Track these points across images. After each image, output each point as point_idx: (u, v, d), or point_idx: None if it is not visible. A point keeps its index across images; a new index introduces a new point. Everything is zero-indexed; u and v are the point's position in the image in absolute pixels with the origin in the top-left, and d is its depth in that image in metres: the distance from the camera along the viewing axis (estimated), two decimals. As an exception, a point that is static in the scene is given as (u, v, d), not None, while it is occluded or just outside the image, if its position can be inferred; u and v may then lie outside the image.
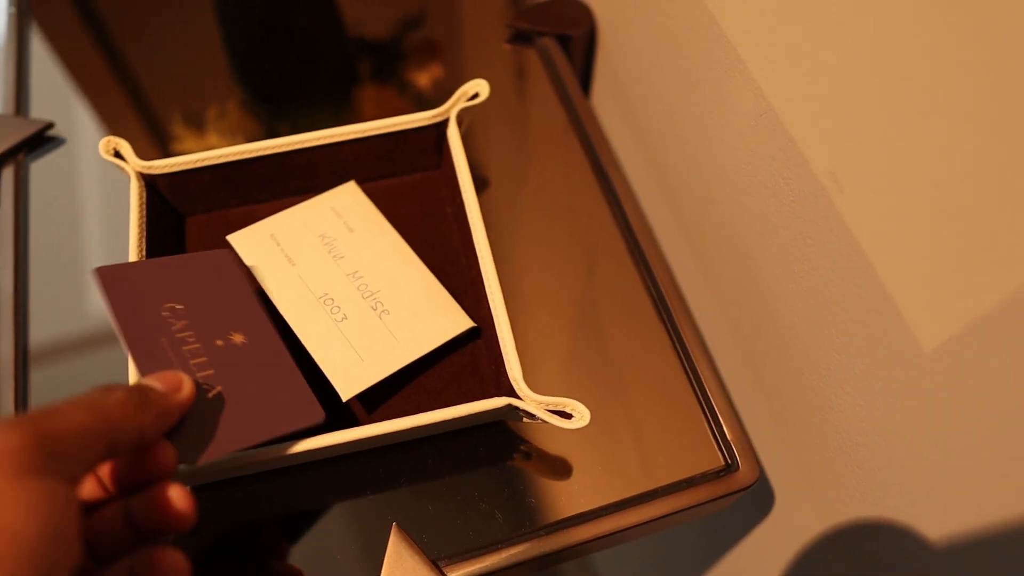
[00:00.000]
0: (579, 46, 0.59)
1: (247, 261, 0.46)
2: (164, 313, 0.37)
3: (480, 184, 0.55)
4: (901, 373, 0.36)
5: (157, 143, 0.58)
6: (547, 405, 0.40)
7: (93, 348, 0.49)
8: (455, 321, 0.45)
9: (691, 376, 0.46)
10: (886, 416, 0.38)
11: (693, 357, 0.46)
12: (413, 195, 0.52)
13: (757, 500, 0.54)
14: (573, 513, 0.42)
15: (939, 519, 0.37)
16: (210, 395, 0.36)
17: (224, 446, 0.34)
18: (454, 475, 0.43)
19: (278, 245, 0.47)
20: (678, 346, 0.47)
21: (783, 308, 0.45)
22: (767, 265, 0.45)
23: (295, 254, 0.46)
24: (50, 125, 0.55)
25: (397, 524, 0.41)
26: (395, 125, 0.48)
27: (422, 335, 0.44)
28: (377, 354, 0.43)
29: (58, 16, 0.64)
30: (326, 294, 0.45)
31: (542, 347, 0.47)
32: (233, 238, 0.47)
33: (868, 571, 0.43)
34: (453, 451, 0.44)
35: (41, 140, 0.55)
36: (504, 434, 0.44)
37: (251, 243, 0.47)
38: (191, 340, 0.37)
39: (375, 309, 0.44)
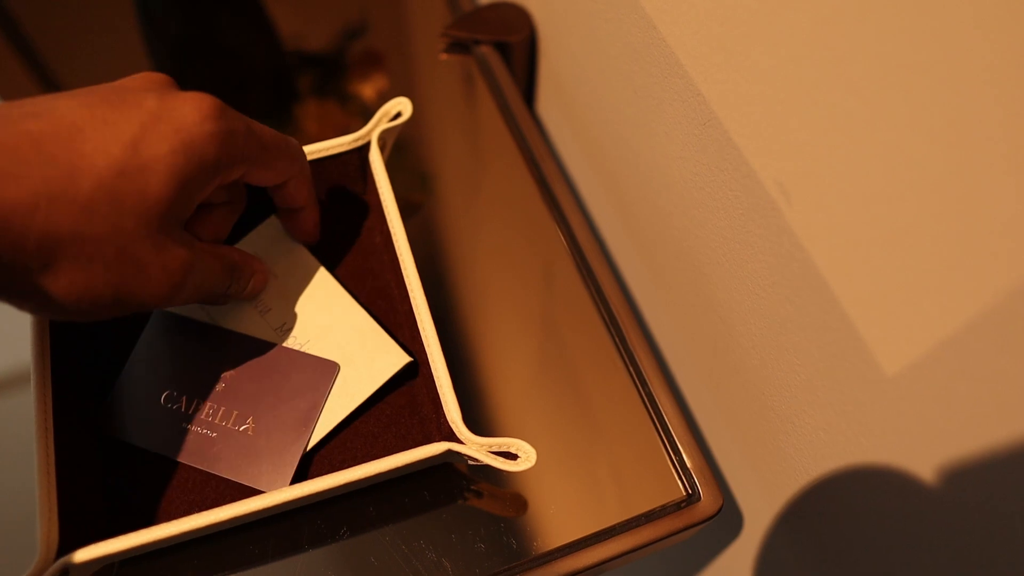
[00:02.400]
0: (520, 53, 0.57)
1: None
2: (169, 407, 0.39)
3: (413, 207, 0.52)
4: (863, 397, 0.33)
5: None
6: (490, 447, 0.37)
7: None
8: (388, 361, 0.42)
9: (647, 403, 0.43)
10: (850, 441, 0.36)
11: (649, 382, 0.44)
12: (340, 226, 0.49)
13: (725, 523, 0.51)
14: (525, 558, 0.39)
15: (909, 545, 0.35)
16: (250, 432, 0.39)
17: (294, 450, 0.38)
18: (398, 522, 0.40)
19: (203, 309, 0.43)
20: (632, 371, 0.44)
21: (741, 327, 0.42)
22: (722, 281, 0.42)
23: (222, 318, 0.43)
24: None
25: (337, 582, 0.38)
26: (313, 153, 0.45)
27: (355, 384, 0.41)
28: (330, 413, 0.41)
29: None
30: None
31: (485, 381, 0.45)
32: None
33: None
34: (396, 497, 0.41)
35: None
36: (450, 475, 0.41)
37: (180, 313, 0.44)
38: (201, 405, 0.40)
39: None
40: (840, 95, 0.29)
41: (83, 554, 0.33)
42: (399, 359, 0.42)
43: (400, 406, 0.42)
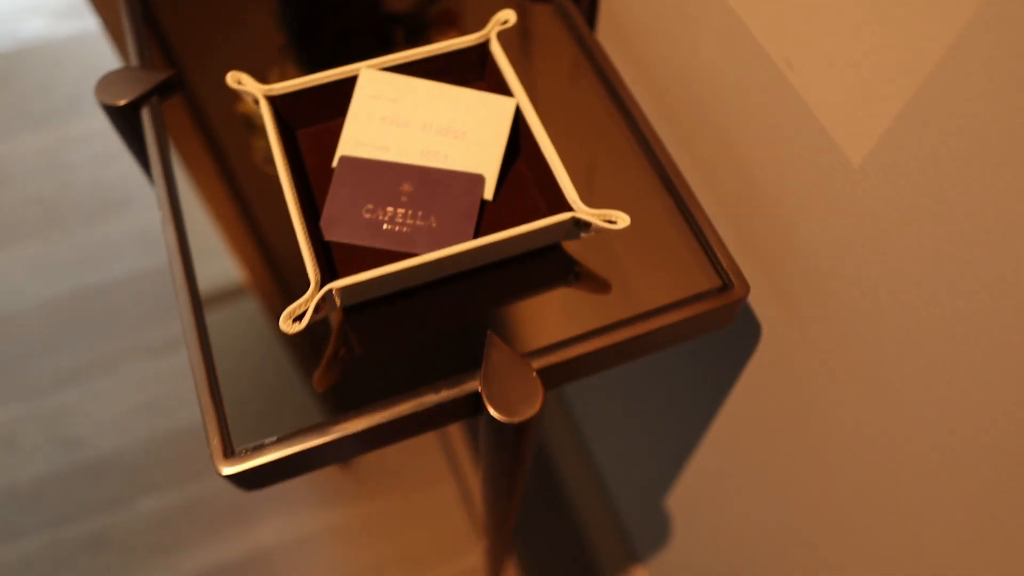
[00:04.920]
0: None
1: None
2: (368, 216, 0.58)
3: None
4: (843, 190, 0.51)
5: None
6: (599, 216, 0.55)
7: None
8: (503, 110, 0.62)
9: (685, 212, 0.61)
10: (844, 232, 0.52)
11: (683, 196, 0.61)
12: None
13: (745, 332, 0.69)
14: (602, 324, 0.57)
15: (900, 317, 0.52)
16: (433, 224, 0.57)
17: (468, 227, 0.58)
18: (503, 312, 0.58)
19: (365, 145, 0.62)
20: (673, 193, 0.62)
21: (744, 148, 0.60)
22: (742, 135, 0.60)
23: (383, 142, 0.61)
24: (173, 74, 0.69)
25: (491, 331, 0.56)
26: (435, 51, 0.64)
27: (492, 129, 0.61)
28: (485, 163, 0.61)
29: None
30: (423, 151, 0.61)
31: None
32: (341, 151, 0.62)
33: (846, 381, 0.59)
34: (503, 285, 0.59)
35: (166, 88, 0.68)
36: (549, 261, 0.59)
37: (353, 149, 0.62)
38: (394, 212, 0.57)
39: (457, 138, 0.61)
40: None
41: (341, 282, 0.51)
42: (508, 103, 0.62)
43: (514, 195, 0.62)
